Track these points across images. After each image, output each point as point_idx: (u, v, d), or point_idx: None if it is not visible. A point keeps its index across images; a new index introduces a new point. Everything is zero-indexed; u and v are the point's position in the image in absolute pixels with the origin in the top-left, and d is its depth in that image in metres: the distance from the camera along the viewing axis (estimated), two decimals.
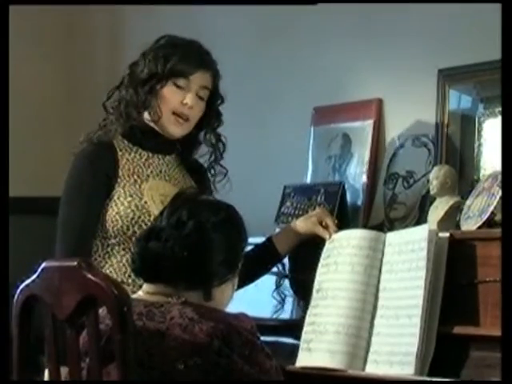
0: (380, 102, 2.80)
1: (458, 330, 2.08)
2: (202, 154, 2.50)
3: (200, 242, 1.92)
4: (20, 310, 1.91)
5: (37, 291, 1.89)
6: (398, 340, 2.08)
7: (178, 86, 2.34)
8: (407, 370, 2.03)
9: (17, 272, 2.35)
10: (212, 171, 2.47)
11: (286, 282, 2.54)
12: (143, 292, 1.97)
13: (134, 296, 1.95)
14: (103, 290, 1.75)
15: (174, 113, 2.35)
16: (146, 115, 2.37)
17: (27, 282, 1.91)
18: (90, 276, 1.77)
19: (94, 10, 3.82)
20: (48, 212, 2.34)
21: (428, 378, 2.03)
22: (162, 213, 2.00)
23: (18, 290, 1.92)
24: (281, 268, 2.50)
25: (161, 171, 2.39)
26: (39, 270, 1.89)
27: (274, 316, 2.52)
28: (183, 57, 2.34)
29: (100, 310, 1.81)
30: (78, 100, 3.74)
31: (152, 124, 2.37)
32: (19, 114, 3.51)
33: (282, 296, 2.52)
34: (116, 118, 2.36)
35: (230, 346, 1.81)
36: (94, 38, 3.85)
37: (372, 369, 2.12)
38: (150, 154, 2.39)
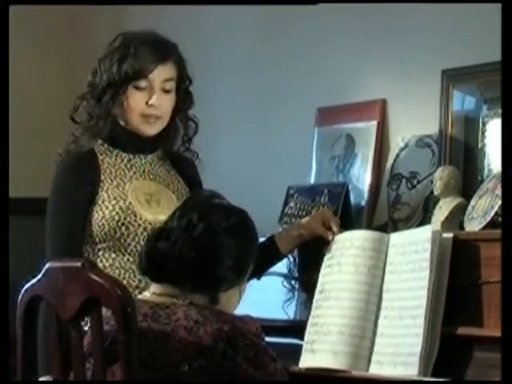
0: (384, 103, 2.80)
1: (462, 330, 2.08)
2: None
3: (209, 245, 1.91)
4: (24, 310, 1.91)
5: (41, 292, 1.89)
6: (402, 341, 2.08)
7: (140, 88, 2.27)
8: (411, 371, 2.03)
9: (17, 273, 2.34)
10: (186, 152, 2.42)
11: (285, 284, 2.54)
12: (149, 293, 1.96)
13: (139, 297, 1.95)
14: (107, 290, 1.75)
15: (142, 115, 2.30)
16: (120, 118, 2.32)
17: (31, 282, 1.90)
18: (93, 277, 1.77)
19: (96, 10, 3.81)
20: None
21: (432, 379, 2.03)
22: (174, 213, 1.99)
23: (22, 291, 1.91)
24: (292, 263, 2.49)
25: (144, 171, 2.37)
26: (43, 270, 1.88)
27: (286, 304, 2.52)
28: (137, 56, 2.25)
29: (105, 311, 1.80)
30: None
31: (127, 126, 2.33)
32: (20, 114, 3.50)
33: (293, 284, 2.51)
34: (82, 134, 2.32)
35: (234, 349, 1.80)
36: (97, 38, 3.85)
37: (376, 369, 2.12)
38: (132, 156, 2.36)
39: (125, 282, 2.24)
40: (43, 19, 3.78)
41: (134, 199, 2.30)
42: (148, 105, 2.28)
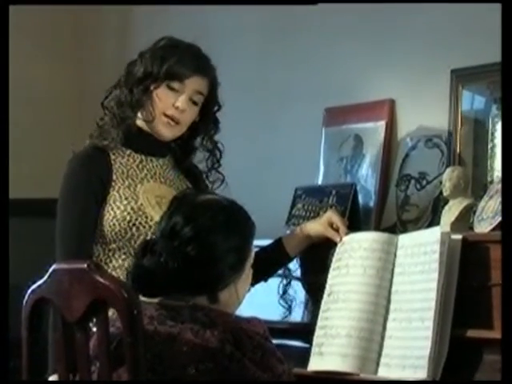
0: (392, 103, 2.78)
1: (472, 333, 2.06)
2: (201, 160, 2.48)
3: (197, 250, 1.87)
4: (29, 312, 1.90)
5: (46, 294, 1.87)
6: (411, 343, 2.06)
7: (172, 89, 2.32)
8: (420, 374, 2.01)
9: (17, 274, 2.34)
10: (209, 178, 2.45)
11: (294, 286, 2.52)
12: None
13: (143, 298, 1.92)
14: (113, 292, 1.73)
15: (165, 115, 2.33)
16: (139, 116, 2.36)
17: (37, 284, 1.89)
18: (99, 278, 1.76)
19: (101, 11, 3.81)
20: (48, 214, 2.32)
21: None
22: (162, 217, 1.96)
23: (28, 293, 1.90)
24: (287, 272, 2.49)
25: (155, 173, 2.38)
26: (49, 272, 1.87)
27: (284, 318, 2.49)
28: (180, 60, 2.32)
29: (111, 313, 1.79)
30: (81, 101, 3.74)
31: (144, 126, 2.36)
32: (21, 114, 3.51)
33: (289, 302, 2.49)
34: (110, 119, 2.35)
35: (241, 351, 1.79)
36: (103, 38, 3.85)
37: (384, 372, 2.10)
38: (144, 157, 2.38)
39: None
40: (50, 19, 3.79)
41: (145, 200, 2.31)
42: (174, 106, 2.32)
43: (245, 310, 1.99)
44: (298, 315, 2.52)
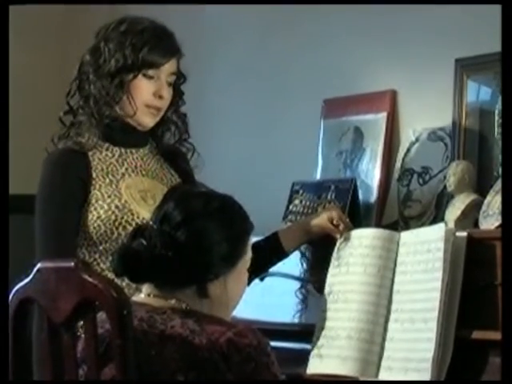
0: (394, 94, 2.76)
1: (477, 334, 2.04)
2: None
3: (186, 235, 1.82)
4: (14, 313, 1.85)
5: (32, 293, 1.83)
6: (413, 345, 2.04)
7: (149, 77, 2.27)
8: (423, 377, 1.99)
9: (17, 271, 2.29)
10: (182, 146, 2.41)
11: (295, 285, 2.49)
12: (144, 294, 1.89)
13: (134, 299, 1.88)
14: (102, 292, 1.69)
15: (147, 105, 2.28)
16: (118, 110, 2.29)
17: (22, 283, 1.85)
18: (87, 277, 1.71)
19: (100, 10, 3.78)
20: None
21: None
22: (154, 212, 1.92)
23: (12, 292, 1.86)
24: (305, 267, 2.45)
25: (136, 166, 2.32)
26: (34, 270, 1.83)
27: (298, 315, 2.48)
28: (153, 46, 2.25)
29: (99, 314, 1.75)
30: None
31: (123, 117, 2.30)
32: (20, 110, 3.51)
33: (305, 294, 2.46)
34: (88, 119, 2.29)
35: (228, 363, 1.73)
36: (92, 33, 3.82)
37: (386, 376, 2.08)
38: (123, 150, 2.32)
39: (124, 283, 2.11)
40: (44, 16, 3.80)
41: (129, 197, 2.26)
42: (155, 95, 2.28)
43: (245, 310, 1.94)
44: (297, 316, 2.50)
